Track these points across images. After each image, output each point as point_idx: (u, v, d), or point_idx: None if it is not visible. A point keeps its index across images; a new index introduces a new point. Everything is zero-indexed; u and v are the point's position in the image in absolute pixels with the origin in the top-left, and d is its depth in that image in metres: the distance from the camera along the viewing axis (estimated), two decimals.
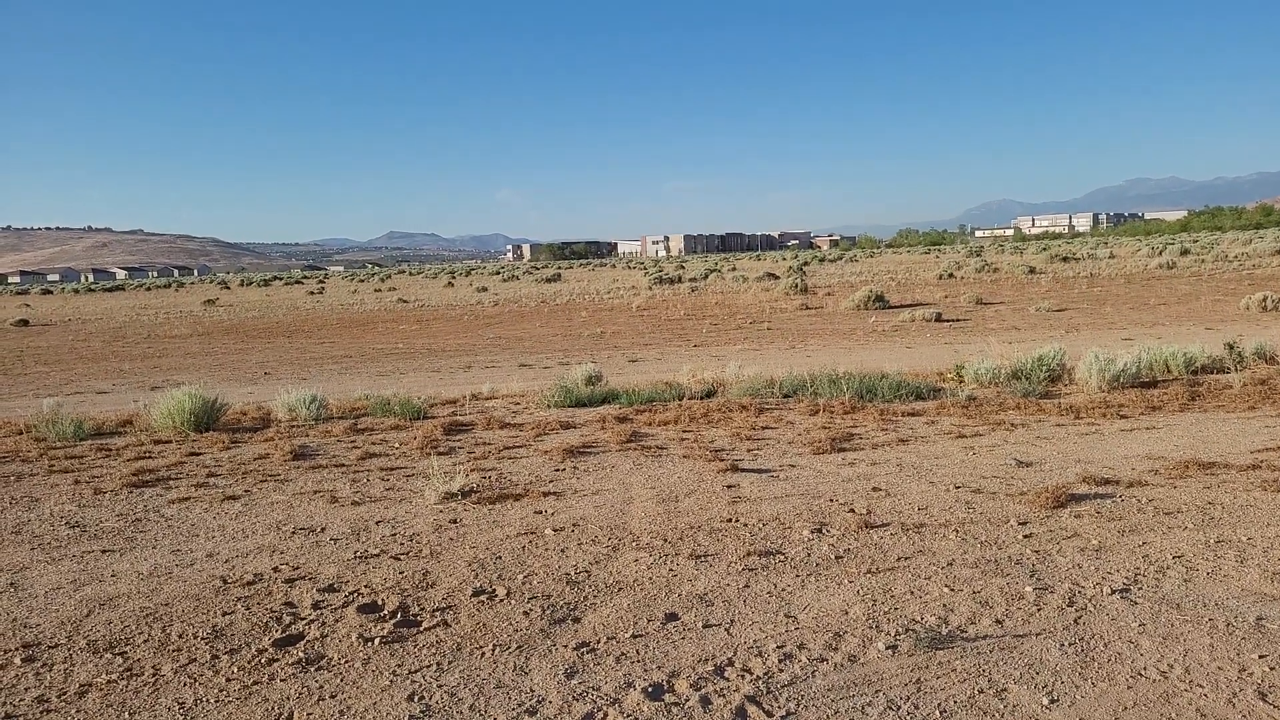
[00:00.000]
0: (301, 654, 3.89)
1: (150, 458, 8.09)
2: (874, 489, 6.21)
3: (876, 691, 3.40)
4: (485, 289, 51.95)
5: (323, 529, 5.77)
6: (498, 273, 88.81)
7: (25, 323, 37.61)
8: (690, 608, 4.25)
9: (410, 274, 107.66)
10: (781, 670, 3.59)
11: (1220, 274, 33.25)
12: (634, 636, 3.96)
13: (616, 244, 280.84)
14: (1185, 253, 49.19)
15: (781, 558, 4.88)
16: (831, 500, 5.97)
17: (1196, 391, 9.55)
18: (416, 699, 3.47)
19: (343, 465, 7.59)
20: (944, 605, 4.16)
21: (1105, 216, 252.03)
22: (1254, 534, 4.98)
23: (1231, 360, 11.04)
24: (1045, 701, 3.29)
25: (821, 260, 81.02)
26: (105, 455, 8.24)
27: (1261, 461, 6.57)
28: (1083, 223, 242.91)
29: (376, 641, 3.99)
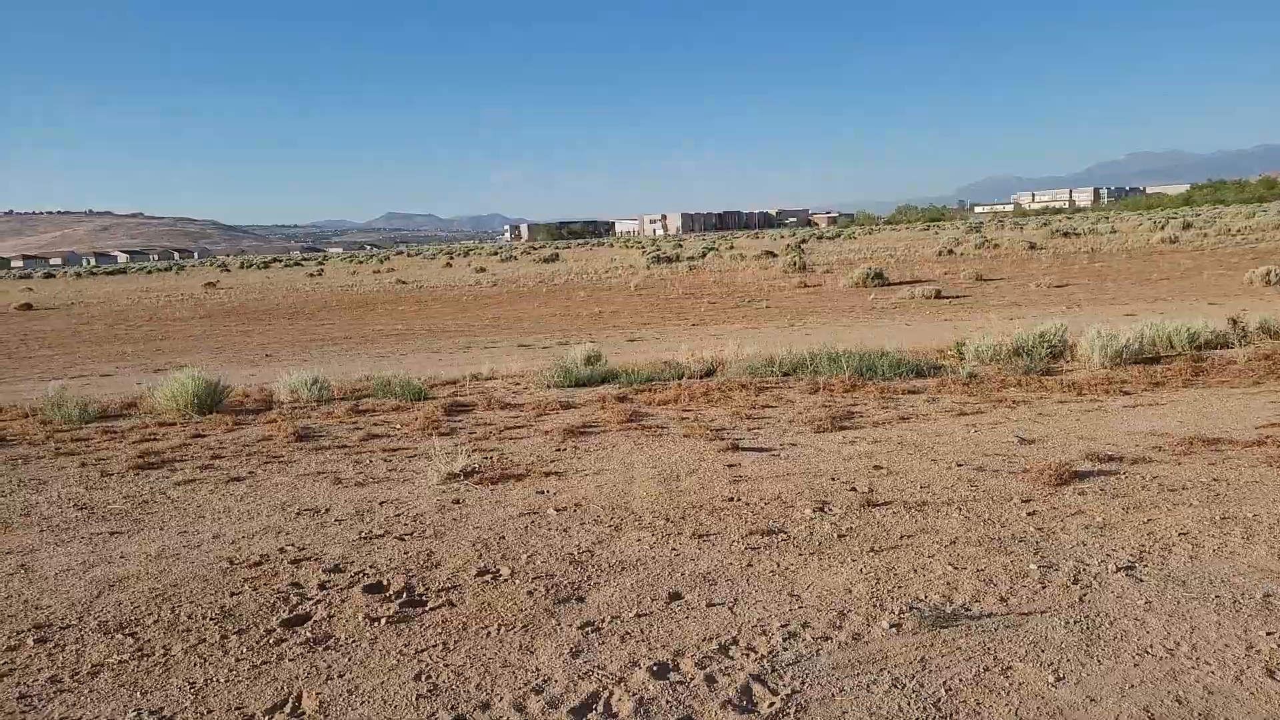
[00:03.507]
0: (309, 634, 3.91)
1: (155, 440, 8.11)
2: (875, 467, 6.22)
3: (881, 670, 3.41)
4: (483, 269, 51.82)
5: (327, 510, 5.78)
6: (496, 253, 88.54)
7: (29, 306, 37.57)
8: (694, 587, 4.26)
9: (409, 255, 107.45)
10: (786, 649, 3.60)
11: (1223, 248, 33.12)
12: (638, 616, 3.97)
13: (614, 223, 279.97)
14: (1188, 227, 48.95)
15: (784, 536, 4.89)
16: (833, 479, 5.98)
17: (1200, 367, 9.53)
18: (423, 678, 3.49)
19: (345, 446, 7.61)
20: (948, 583, 4.16)
21: (1106, 191, 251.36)
22: (1260, 510, 4.98)
23: (1235, 335, 11.02)
24: (1051, 679, 3.30)
25: (820, 238, 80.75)
26: (111, 438, 8.26)
27: (1267, 437, 6.55)
28: (1084, 198, 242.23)
29: (383, 621, 4.01)
